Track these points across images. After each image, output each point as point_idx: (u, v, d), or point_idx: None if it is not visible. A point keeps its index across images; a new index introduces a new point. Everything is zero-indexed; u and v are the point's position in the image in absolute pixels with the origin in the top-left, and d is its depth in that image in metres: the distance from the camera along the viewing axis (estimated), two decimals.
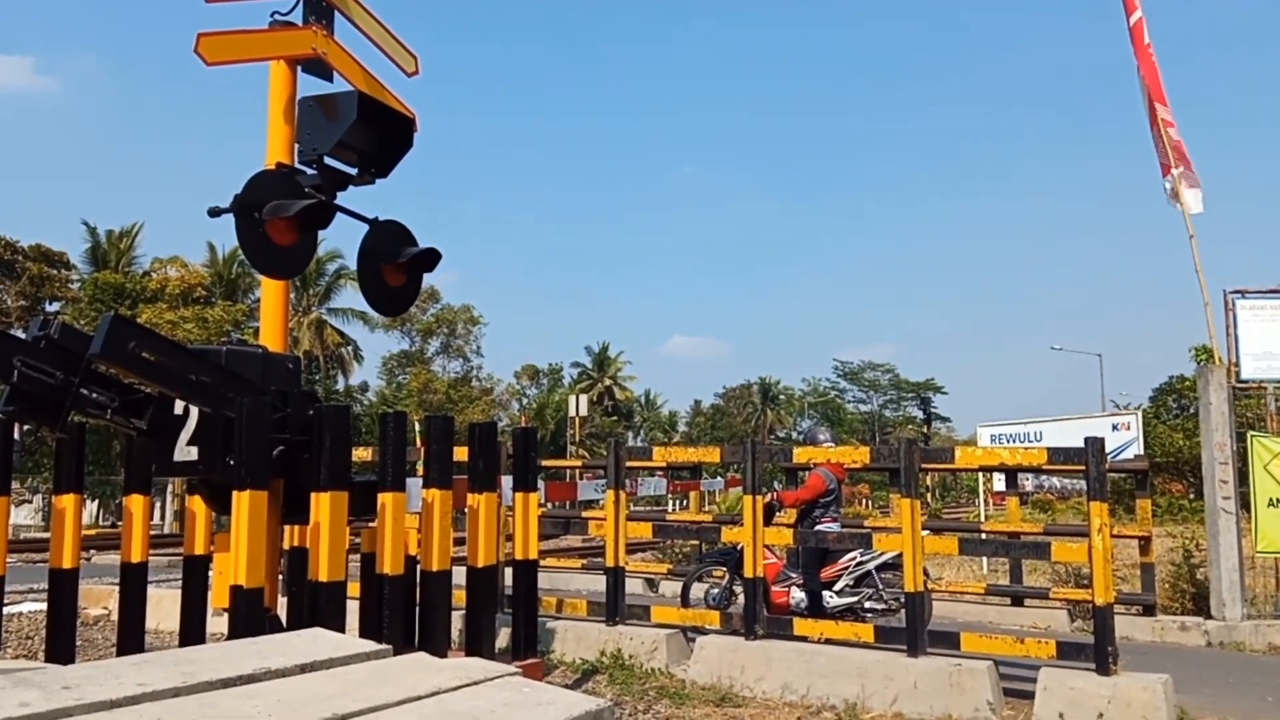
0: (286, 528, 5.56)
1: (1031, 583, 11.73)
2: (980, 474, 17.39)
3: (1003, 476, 13.40)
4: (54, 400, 4.73)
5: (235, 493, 4.58)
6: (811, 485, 8.42)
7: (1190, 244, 10.75)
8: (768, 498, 8.64)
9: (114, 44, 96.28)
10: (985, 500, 18.60)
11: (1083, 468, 6.12)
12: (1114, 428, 13.32)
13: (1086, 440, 6.06)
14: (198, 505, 5.60)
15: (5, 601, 6.00)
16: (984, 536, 11.13)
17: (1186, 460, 29.82)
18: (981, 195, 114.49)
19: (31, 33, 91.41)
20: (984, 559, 13.98)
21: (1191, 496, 28.22)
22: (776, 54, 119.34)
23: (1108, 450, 6.38)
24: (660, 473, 13.91)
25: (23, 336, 4.88)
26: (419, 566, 5.41)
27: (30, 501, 33.50)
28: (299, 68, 6.17)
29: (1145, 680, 5.71)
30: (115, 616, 6.99)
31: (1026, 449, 8.28)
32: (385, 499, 5.12)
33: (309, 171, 5.71)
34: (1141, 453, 12.82)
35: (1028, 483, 19.02)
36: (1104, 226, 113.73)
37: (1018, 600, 10.59)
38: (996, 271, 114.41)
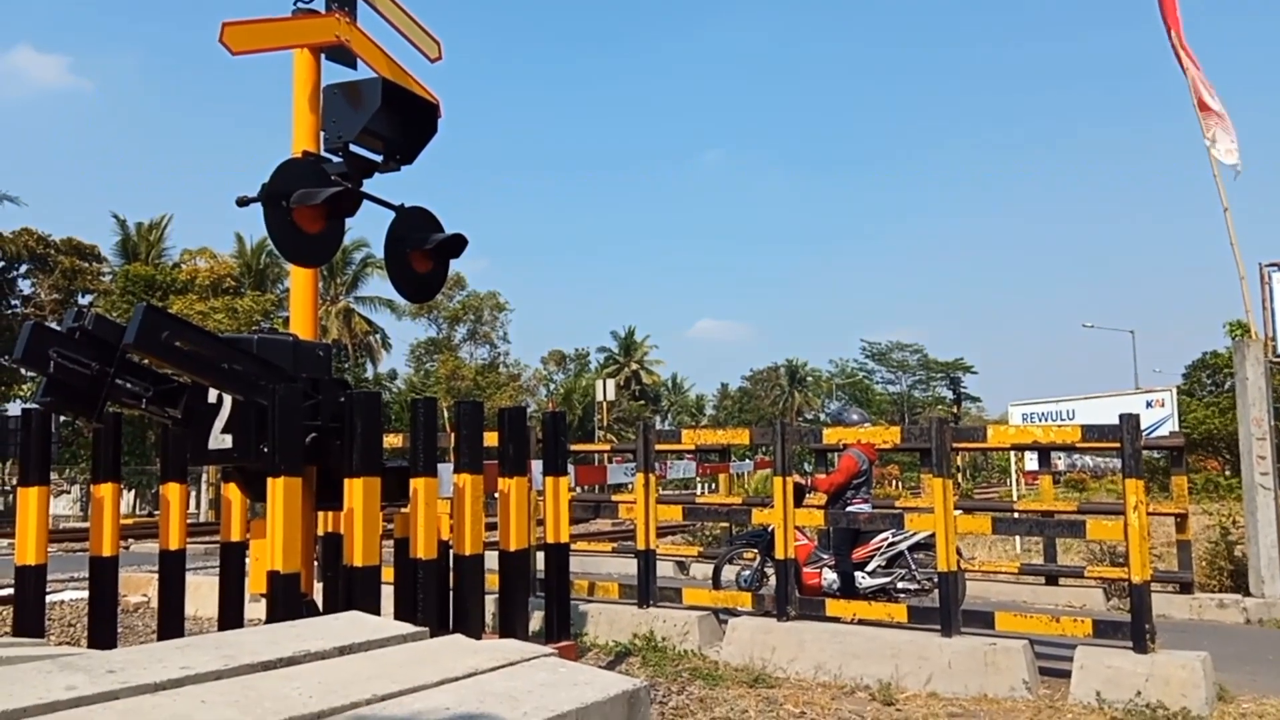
0: (320, 514, 5.61)
1: (1066, 562, 11.62)
2: (1012, 453, 17.26)
3: (1035, 455, 13.28)
4: (90, 391, 4.79)
5: (270, 480, 4.62)
6: (844, 467, 8.39)
7: (1225, 216, 10.57)
8: (807, 482, 8.63)
9: (147, 41, 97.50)
10: (1017, 479, 18.45)
11: (1117, 445, 6.06)
12: (1148, 405, 13.18)
13: (1121, 417, 5.99)
14: (233, 493, 5.66)
15: (47, 590, 6.10)
16: (1017, 515, 11.05)
17: (1222, 436, 29.44)
18: (1010, 174, 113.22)
19: (69, 33, 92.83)
20: (1017, 538, 13.88)
21: (1228, 473, 27.86)
22: (802, 37, 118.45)
23: (1142, 427, 6.31)
24: (689, 456, 13.90)
25: (58, 328, 4.94)
26: (452, 551, 5.45)
27: (68, 492, 34.03)
28: (323, 56, 6.17)
29: (1183, 658, 5.65)
30: (155, 603, 7.10)
31: (1060, 427, 8.21)
32: (417, 484, 5.15)
33: (335, 159, 5.73)
34: (1176, 429, 12.67)
35: (1060, 462, 18.85)
36: (1136, 200, 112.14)
37: (1052, 579, 10.51)
38: (1026, 249, 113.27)
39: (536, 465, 6.64)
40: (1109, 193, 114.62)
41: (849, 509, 8.20)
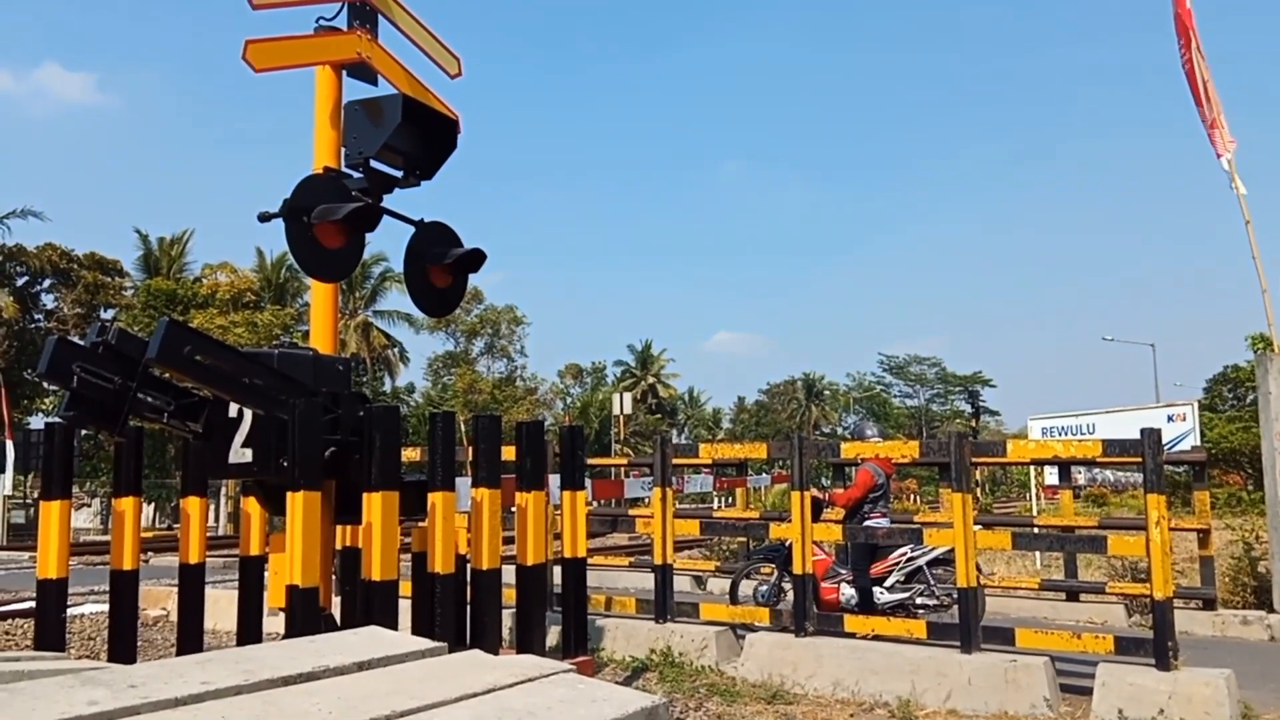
0: (339, 528, 5.63)
1: (1086, 577, 11.52)
2: (1032, 468, 17.15)
3: (1055, 470, 13.19)
4: (113, 405, 4.83)
5: (289, 494, 4.64)
6: (861, 482, 8.36)
7: (1247, 229, 10.50)
8: (824, 497, 8.61)
9: (172, 57, 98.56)
10: (1037, 494, 18.33)
11: (1138, 460, 6.01)
12: (1169, 419, 13.07)
13: (1143, 432, 5.95)
14: (252, 507, 5.68)
15: (68, 603, 6.14)
16: (1037, 531, 10.97)
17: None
18: (1028, 185, 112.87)
19: (97, 51, 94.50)
20: (1037, 554, 13.77)
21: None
22: (821, 48, 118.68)
23: (1163, 442, 6.26)
24: (706, 470, 13.88)
25: (81, 343, 4.99)
26: (469, 565, 5.45)
27: (89, 505, 34.25)
28: (344, 72, 6.24)
29: (1207, 675, 5.59)
30: (174, 617, 7.12)
31: (1080, 442, 8.16)
32: (435, 498, 5.16)
33: (355, 175, 5.78)
34: (1198, 444, 12.56)
35: (1081, 476, 18.70)
36: (1156, 213, 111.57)
37: (1073, 595, 10.42)
38: (1045, 262, 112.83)
39: (554, 479, 6.66)
40: (1130, 204, 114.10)
41: (867, 524, 8.17)
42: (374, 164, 5.75)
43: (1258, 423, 10.21)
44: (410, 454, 8.16)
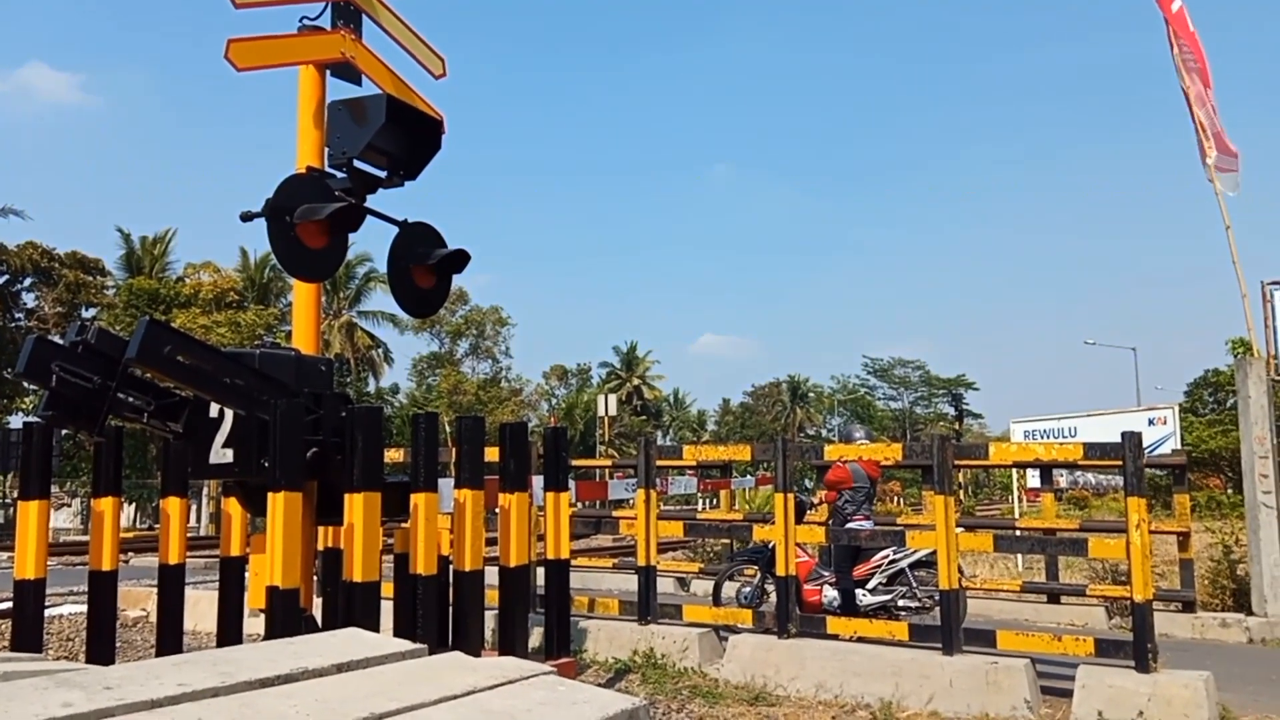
0: (321, 529, 5.60)
1: (1068, 580, 11.59)
2: (1014, 470, 17.23)
3: (1037, 473, 13.24)
4: (92, 404, 4.79)
5: (270, 494, 4.61)
6: (829, 480, 8.46)
7: (1227, 235, 10.59)
8: (816, 497, 8.66)
9: (156, 57, 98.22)
10: (1019, 497, 18.40)
11: (1119, 463, 6.04)
12: (1150, 422, 13.14)
13: (1123, 435, 5.98)
14: (233, 507, 5.65)
15: (46, 604, 6.08)
16: (1019, 533, 11.02)
17: (1224, 454, 29.37)
18: (1011, 189, 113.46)
19: (83, 51, 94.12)
20: (1019, 556, 13.84)
21: (1230, 491, 27.80)
22: (810, 51, 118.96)
23: (1144, 445, 6.30)
24: (690, 471, 13.87)
25: (61, 342, 4.95)
26: (452, 567, 5.44)
27: (69, 505, 33.98)
28: (328, 72, 6.21)
29: (1186, 678, 5.62)
30: (153, 618, 7.08)
31: (1062, 444, 8.19)
32: (418, 499, 5.14)
33: (339, 175, 5.75)
34: (1178, 447, 12.65)
35: (1062, 479, 18.80)
36: (1137, 218, 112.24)
37: (1054, 598, 10.47)
38: (1028, 266, 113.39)
39: (537, 480, 6.64)
40: (1111, 208, 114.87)
41: (849, 525, 8.19)
42: (357, 164, 5.73)
43: (1237, 426, 10.30)
44: (394, 455, 8.13)
